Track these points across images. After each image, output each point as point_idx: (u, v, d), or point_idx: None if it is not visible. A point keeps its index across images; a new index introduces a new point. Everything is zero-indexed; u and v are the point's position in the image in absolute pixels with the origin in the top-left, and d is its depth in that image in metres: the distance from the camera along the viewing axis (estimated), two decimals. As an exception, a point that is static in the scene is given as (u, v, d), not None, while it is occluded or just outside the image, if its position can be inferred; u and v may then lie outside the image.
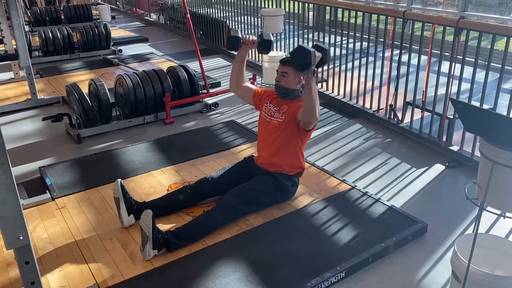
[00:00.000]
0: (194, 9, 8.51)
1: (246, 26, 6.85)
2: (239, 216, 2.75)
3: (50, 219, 2.83)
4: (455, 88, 3.56)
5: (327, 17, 7.57)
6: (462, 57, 3.45)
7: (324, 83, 5.19)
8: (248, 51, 3.03)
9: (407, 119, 4.11)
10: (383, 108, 4.34)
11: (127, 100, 4.34)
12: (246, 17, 6.59)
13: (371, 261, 2.45)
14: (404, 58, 4.04)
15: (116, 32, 8.97)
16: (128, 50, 7.72)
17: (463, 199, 2.95)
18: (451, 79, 3.52)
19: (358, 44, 4.86)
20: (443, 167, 3.50)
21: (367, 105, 4.51)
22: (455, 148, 3.61)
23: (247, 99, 3.13)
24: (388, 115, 4.24)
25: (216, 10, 7.98)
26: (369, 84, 4.56)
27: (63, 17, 9.58)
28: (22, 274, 1.68)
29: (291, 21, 5.85)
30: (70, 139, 4.19)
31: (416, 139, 3.93)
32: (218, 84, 5.60)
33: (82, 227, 2.74)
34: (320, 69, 5.13)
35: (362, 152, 3.79)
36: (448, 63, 3.54)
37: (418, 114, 3.96)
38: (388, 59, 4.16)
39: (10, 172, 1.47)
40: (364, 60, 4.62)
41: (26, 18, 9.47)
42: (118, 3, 13.12)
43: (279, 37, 6.06)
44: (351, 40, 5.04)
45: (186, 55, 7.19)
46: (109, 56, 6.99)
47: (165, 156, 3.65)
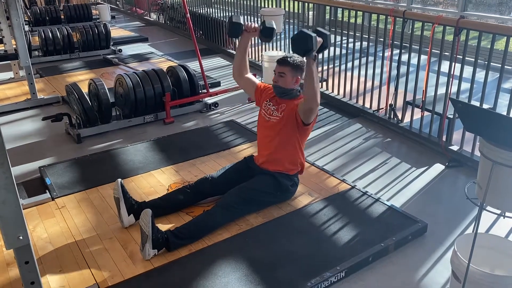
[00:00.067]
0: (194, 8, 8.50)
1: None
2: (239, 215, 2.75)
3: (50, 219, 2.83)
4: (455, 88, 3.56)
5: (327, 16, 7.58)
6: (462, 56, 3.45)
7: (324, 83, 5.19)
8: (250, 39, 2.98)
9: (407, 118, 4.11)
10: (383, 108, 4.34)
11: (127, 99, 4.34)
12: (246, 17, 6.59)
13: (371, 260, 2.45)
14: (404, 57, 4.04)
15: (116, 32, 8.96)
16: (128, 49, 7.72)
17: (463, 199, 2.95)
18: (451, 78, 3.52)
19: (358, 44, 4.86)
20: (443, 167, 3.50)
21: (367, 104, 4.51)
22: (455, 147, 3.61)
23: (249, 92, 3.11)
24: (388, 115, 4.24)
25: (216, 10, 7.98)
26: (369, 84, 4.56)
27: (63, 16, 9.58)
28: (22, 274, 1.68)
29: (291, 20, 5.84)
30: (70, 139, 4.19)
31: (416, 139, 3.93)
32: (218, 84, 5.60)
33: (82, 227, 2.74)
34: (320, 68, 5.13)
35: (362, 152, 3.79)
36: (448, 63, 3.54)
37: (418, 113, 3.95)
38: (388, 58, 4.16)
39: (10, 172, 1.47)
40: (364, 59, 4.62)
41: (26, 17, 9.48)
42: (118, 2, 13.11)
43: (279, 36, 6.06)
44: (351, 39, 5.03)
45: (186, 54, 7.19)
46: (109, 56, 6.99)
47: (165, 156, 3.65)
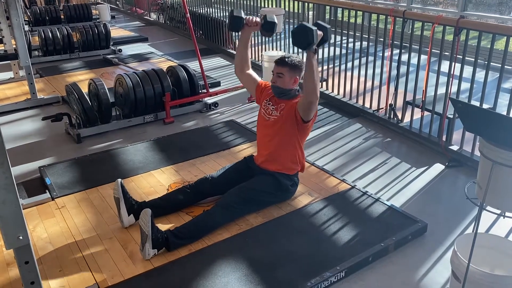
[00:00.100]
0: (194, 8, 8.50)
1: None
2: (238, 215, 2.75)
3: (50, 219, 2.83)
4: (455, 88, 3.56)
5: (327, 16, 7.59)
6: (462, 56, 3.45)
7: (324, 83, 5.19)
8: (251, 33, 2.97)
9: (407, 118, 4.11)
10: (383, 108, 4.34)
11: (127, 99, 4.34)
12: (246, 16, 6.57)
13: (371, 260, 2.45)
14: (404, 57, 4.04)
15: (116, 32, 8.96)
16: (128, 49, 7.72)
17: (463, 199, 2.95)
18: (451, 78, 3.52)
19: (358, 44, 4.86)
20: (443, 167, 3.50)
21: (367, 104, 4.51)
22: (455, 147, 3.61)
23: (250, 89, 3.10)
24: (388, 115, 4.24)
25: (216, 10, 7.97)
26: (369, 84, 4.56)
27: (62, 16, 9.58)
28: (22, 274, 1.68)
29: (291, 20, 5.84)
30: (69, 138, 4.19)
31: (416, 139, 3.94)
32: (218, 84, 5.60)
33: (82, 227, 2.74)
34: (320, 68, 5.12)
35: (362, 152, 3.79)
36: (448, 63, 3.54)
37: (418, 113, 3.96)
38: (388, 58, 4.16)
39: (10, 171, 1.47)
40: (364, 59, 4.62)
41: (26, 17, 9.47)
42: (117, 2, 13.11)
43: (279, 36, 6.06)
44: (351, 39, 5.03)
45: (186, 54, 7.19)
46: (108, 56, 6.98)
47: (165, 156, 3.65)
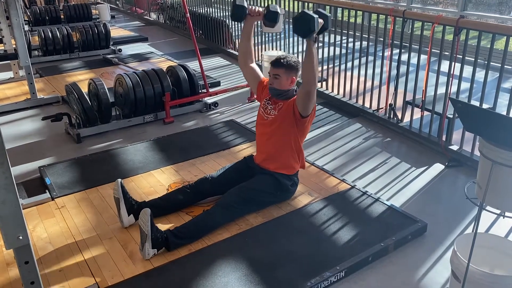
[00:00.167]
0: (193, 8, 8.50)
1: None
2: (238, 215, 2.75)
3: (50, 219, 2.83)
4: (454, 88, 3.56)
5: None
6: (461, 56, 3.45)
7: (324, 83, 5.19)
8: (254, 24, 2.96)
9: (407, 118, 4.11)
10: (382, 108, 4.34)
11: (127, 99, 4.34)
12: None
13: (370, 260, 2.45)
14: (404, 57, 4.04)
15: (116, 32, 8.96)
16: (128, 49, 7.72)
17: (462, 199, 2.96)
18: (450, 78, 3.52)
19: (358, 44, 4.86)
20: (442, 167, 3.50)
21: (367, 104, 4.51)
22: (454, 147, 3.61)
23: (252, 85, 3.07)
24: (387, 115, 4.24)
25: (216, 10, 7.97)
26: (368, 84, 4.56)
27: (62, 16, 9.57)
28: (21, 274, 1.67)
29: (291, 20, 5.83)
30: (69, 138, 4.19)
31: (416, 139, 3.93)
32: (218, 84, 5.60)
33: (81, 227, 2.74)
34: (320, 68, 5.12)
35: (362, 152, 3.79)
36: (447, 63, 3.54)
37: (417, 113, 3.96)
38: (388, 58, 4.16)
39: (10, 171, 1.46)
40: (364, 59, 4.63)
41: (26, 17, 9.47)
42: (117, 2, 13.11)
43: (278, 36, 6.05)
44: (350, 39, 5.03)
45: (185, 54, 7.19)
46: (108, 56, 6.99)
47: (164, 156, 3.65)
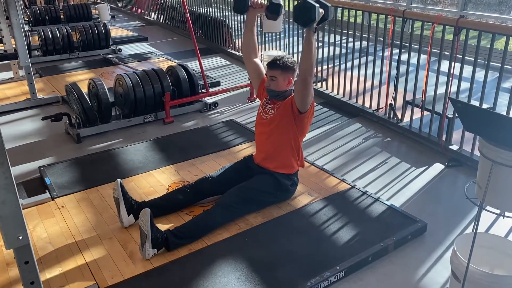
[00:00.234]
0: (193, 8, 8.50)
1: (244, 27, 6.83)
2: (238, 215, 2.75)
3: (50, 219, 2.83)
4: (454, 87, 3.56)
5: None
6: (461, 56, 3.45)
7: (324, 82, 5.19)
8: (256, 16, 2.94)
9: (407, 118, 4.11)
10: (382, 107, 4.34)
11: (127, 99, 4.34)
12: (245, 16, 6.58)
13: (370, 260, 2.45)
14: (404, 57, 4.04)
15: (116, 32, 8.96)
16: (128, 49, 7.71)
17: (462, 199, 2.96)
18: (450, 78, 3.52)
19: (357, 43, 4.86)
20: (442, 167, 3.50)
21: (367, 104, 4.51)
22: (454, 147, 3.61)
23: (254, 82, 3.04)
24: (387, 114, 4.24)
25: (216, 10, 7.97)
26: (368, 83, 4.56)
27: (62, 16, 9.57)
28: (21, 274, 1.67)
29: (291, 20, 5.84)
30: (69, 138, 4.19)
31: (416, 138, 3.93)
32: (218, 84, 5.60)
33: (81, 227, 2.74)
34: (319, 68, 5.12)
35: (362, 152, 3.79)
36: (447, 62, 3.54)
37: (417, 113, 3.95)
38: (388, 58, 4.16)
39: (10, 171, 1.46)
40: (363, 59, 4.62)
41: (26, 17, 9.47)
42: (117, 2, 13.11)
43: (278, 36, 6.06)
44: (350, 39, 5.03)
45: (185, 54, 7.19)
46: (108, 56, 6.99)
47: (164, 156, 3.65)
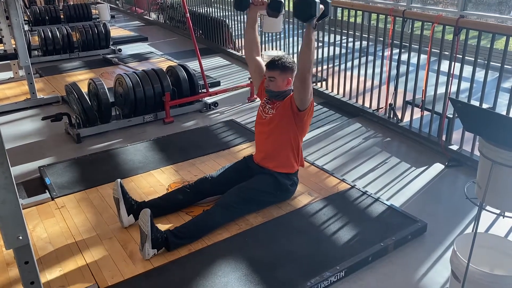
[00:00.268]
0: (193, 8, 8.50)
1: (245, 25, 6.83)
2: (238, 215, 2.75)
3: (50, 219, 2.83)
4: (454, 87, 3.56)
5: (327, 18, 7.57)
6: (461, 56, 3.45)
7: (324, 82, 5.19)
8: (257, 13, 2.93)
9: (407, 118, 4.11)
10: (382, 107, 4.33)
11: (127, 99, 4.34)
12: (245, 16, 6.58)
13: (370, 260, 2.45)
14: (404, 57, 4.04)
15: (116, 32, 8.96)
16: (128, 49, 7.71)
17: (462, 199, 2.96)
18: (450, 78, 3.52)
19: (357, 43, 4.86)
20: (442, 166, 3.50)
21: (367, 104, 4.51)
22: (454, 147, 3.61)
23: (255, 80, 3.04)
24: (387, 114, 4.24)
25: (216, 10, 7.97)
26: (368, 83, 4.56)
27: (62, 16, 9.57)
28: (21, 274, 1.67)
29: (291, 20, 5.84)
30: (69, 138, 4.19)
31: (416, 138, 3.93)
32: (218, 84, 5.60)
33: (81, 227, 2.74)
34: (319, 68, 5.13)
35: (362, 151, 3.79)
36: (447, 62, 3.54)
37: (417, 113, 3.95)
38: (388, 58, 4.16)
39: (10, 171, 1.46)
40: (363, 59, 4.62)
41: (26, 17, 9.46)
42: (117, 2, 13.11)
43: (278, 36, 6.06)
44: (350, 39, 5.03)
45: (185, 54, 7.18)
46: (108, 56, 6.99)
47: (164, 156, 3.65)
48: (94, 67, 6.48)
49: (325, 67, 5.09)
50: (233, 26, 7.12)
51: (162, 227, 2.61)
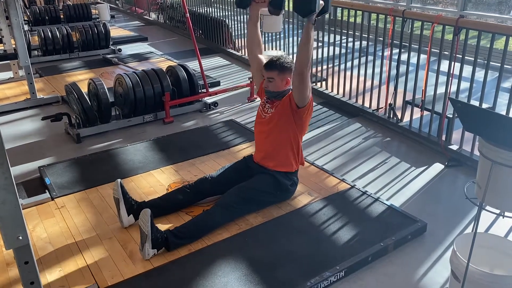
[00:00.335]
0: (193, 8, 8.50)
1: (245, 25, 6.84)
2: (238, 215, 2.75)
3: (50, 219, 2.83)
4: (454, 87, 3.56)
5: (327, 16, 7.57)
6: (461, 56, 3.45)
7: (324, 82, 5.19)
8: (259, 10, 2.92)
9: (407, 118, 4.11)
10: (382, 107, 4.34)
11: (127, 99, 4.34)
12: (245, 16, 6.59)
13: (370, 260, 2.45)
14: (404, 57, 4.03)
15: (116, 32, 8.95)
16: (128, 49, 7.71)
17: (462, 198, 2.95)
18: (450, 78, 3.52)
19: (357, 43, 4.86)
20: (442, 166, 3.50)
21: (367, 104, 4.51)
22: (454, 147, 3.61)
23: (256, 80, 3.03)
24: (387, 114, 4.24)
25: (216, 10, 7.97)
26: (368, 83, 4.55)
27: (62, 16, 9.56)
28: (21, 274, 1.67)
29: (291, 20, 5.84)
30: (69, 138, 4.19)
31: (416, 138, 3.94)
32: (218, 84, 5.60)
33: (81, 227, 2.74)
34: (319, 68, 5.13)
35: (362, 151, 3.79)
36: (447, 62, 3.54)
37: (417, 113, 3.96)
38: (388, 58, 4.16)
39: (10, 172, 1.46)
40: (363, 59, 4.62)
41: (25, 17, 9.46)
42: (117, 2, 13.11)
43: (278, 36, 6.05)
44: (350, 39, 5.03)
45: (185, 54, 7.18)
46: (108, 56, 6.98)
47: (164, 156, 3.65)
48: (94, 67, 6.48)
49: (325, 67, 5.10)
50: (233, 26, 7.12)
51: (162, 227, 2.61)
